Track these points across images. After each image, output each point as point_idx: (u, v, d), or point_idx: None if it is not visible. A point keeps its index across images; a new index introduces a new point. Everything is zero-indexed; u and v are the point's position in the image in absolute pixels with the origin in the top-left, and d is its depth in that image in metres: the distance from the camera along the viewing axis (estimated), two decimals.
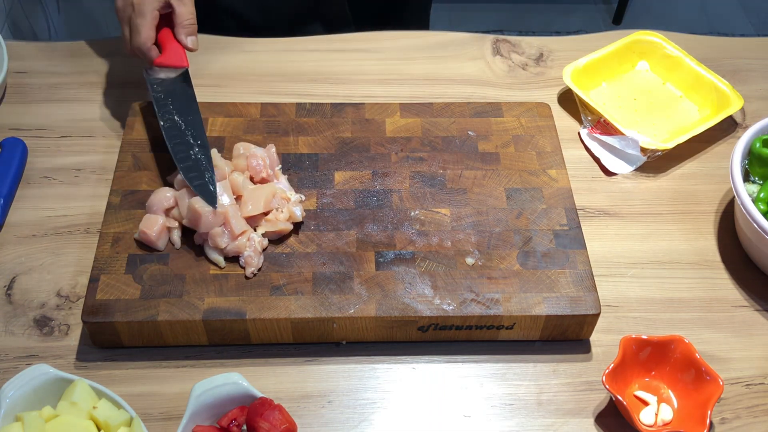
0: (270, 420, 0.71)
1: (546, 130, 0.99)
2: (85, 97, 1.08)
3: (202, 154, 0.87)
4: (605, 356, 0.84)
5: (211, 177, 0.85)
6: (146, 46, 0.93)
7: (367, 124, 0.99)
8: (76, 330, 0.84)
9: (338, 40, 1.18)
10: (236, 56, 1.14)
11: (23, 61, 1.12)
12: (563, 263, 0.85)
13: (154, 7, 0.92)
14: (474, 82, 1.12)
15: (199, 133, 0.89)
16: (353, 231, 0.87)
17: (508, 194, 0.92)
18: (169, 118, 0.90)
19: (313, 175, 0.93)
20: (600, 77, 1.12)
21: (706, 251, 0.93)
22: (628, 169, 1.01)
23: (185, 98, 0.93)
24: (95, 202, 0.95)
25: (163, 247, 0.85)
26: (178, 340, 0.82)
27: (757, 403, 0.81)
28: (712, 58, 1.15)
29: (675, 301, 0.88)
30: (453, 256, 0.85)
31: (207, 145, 0.88)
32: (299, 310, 0.80)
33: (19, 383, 0.71)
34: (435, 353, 0.83)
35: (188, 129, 0.89)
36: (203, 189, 0.84)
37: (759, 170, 0.92)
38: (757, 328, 0.86)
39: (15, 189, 0.96)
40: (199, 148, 0.88)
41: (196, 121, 0.91)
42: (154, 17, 0.93)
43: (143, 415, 0.77)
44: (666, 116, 1.08)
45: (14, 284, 0.87)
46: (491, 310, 0.81)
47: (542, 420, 0.79)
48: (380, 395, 0.80)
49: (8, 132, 1.02)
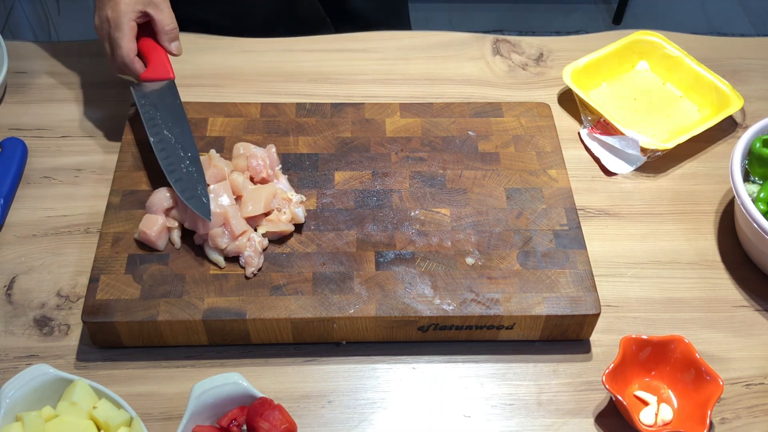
0: (270, 420, 0.71)
1: (546, 130, 0.99)
2: (85, 97, 1.08)
3: (193, 166, 0.86)
4: (605, 356, 0.84)
5: (203, 189, 0.84)
6: (129, 59, 0.92)
7: (367, 124, 0.99)
8: (76, 330, 0.84)
9: (338, 40, 1.18)
10: (236, 56, 1.14)
11: (23, 61, 1.12)
12: (563, 263, 0.85)
13: (130, 18, 0.91)
14: (474, 82, 1.12)
15: (188, 145, 0.88)
16: (353, 231, 0.87)
17: (508, 194, 0.92)
18: (158, 132, 0.90)
19: (313, 175, 0.93)
20: (600, 77, 1.12)
21: (706, 251, 0.93)
22: (628, 169, 1.01)
23: (173, 110, 0.92)
24: (95, 202, 0.95)
25: (163, 247, 0.85)
26: (178, 340, 0.82)
27: (757, 403, 0.81)
28: (712, 58, 1.15)
29: (675, 301, 0.88)
30: (453, 256, 0.85)
31: (197, 156, 0.88)
32: (299, 310, 0.80)
33: (19, 383, 0.71)
34: (435, 353, 0.83)
35: (178, 142, 0.89)
36: (196, 202, 0.83)
37: (759, 170, 0.92)
38: (757, 328, 0.86)
39: (15, 189, 0.96)
40: (190, 161, 0.87)
41: (185, 132, 0.90)
42: (132, 28, 0.92)
43: (143, 415, 0.77)
44: (666, 116, 1.08)
45: (14, 284, 0.87)
46: (491, 310, 0.81)
47: (542, 420, 0.79)
48: (380, 395, 0.80)
49: (8, 132, 1.02)
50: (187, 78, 1.10)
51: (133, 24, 0.92)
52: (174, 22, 0.95)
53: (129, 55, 0.92)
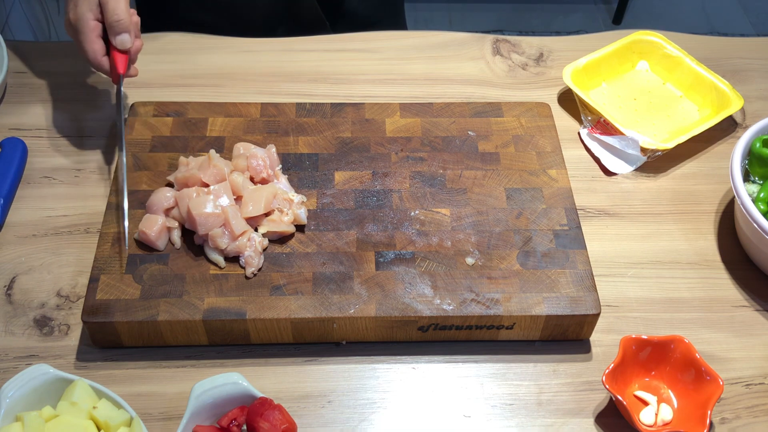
0: (270, 420, 0.71)
1: (546, 130, 0.99)
2: (85, 97, 1.08)
3: None
4: (605, 356, 0.84)
5: None
6: (96, 61, 0.89)
7: (367, 124, 0.99)
8: (76, 330, 0.84)
9: (338, 40, 1.18)
10: (236, 56, 1.14)
11: (23, 61, 1.12)
12: (563, 263, 0.85)
13: (89, 18, 0.88)
14: (474, 82, 1.12)
15: None
16: (353, 231, 0.87)
17: (508, 194, 0.92)
18: None
19: (313, 175, 0.93)
20: (600, 77, 1.12)
21: (706, 251, 0.93)
22: (628, 169, 1.01)
23: None
24: (95, 202, 0.95)
25: (163, 247, 0.85)
26: (178, 340, 0.82)
27: (757, 403, 0.81)
28: (712, 58, 1.15)
29: (675, 301, 0.88)
30: (453, 256, 0.85)
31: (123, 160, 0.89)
32: (299, 310, 0.80)
33: (19, 383, 0.71)
34: (435, 353, 0.83)
35: None
36: None
37: (759, 170, 0.92)
38: (757, 328, 0.86)
39: (15, 189, 0.96)
40: None
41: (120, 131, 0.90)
42: (93, 28, 0.88)
43: (143, 415, 0.77)
44: (666, 116, 1.08)
45: (14, 284, 0.87)
46: (491, 310, 0.81)
47: (542, 420, 0.79)
48: (380, 395, 0.80)
49: (8, 132, 1.02)
50: (187, 78, 1.10)
51: (93, 23, 0.88)
52: (122, 14, 0.88)
53: (95, 57, 0.89)
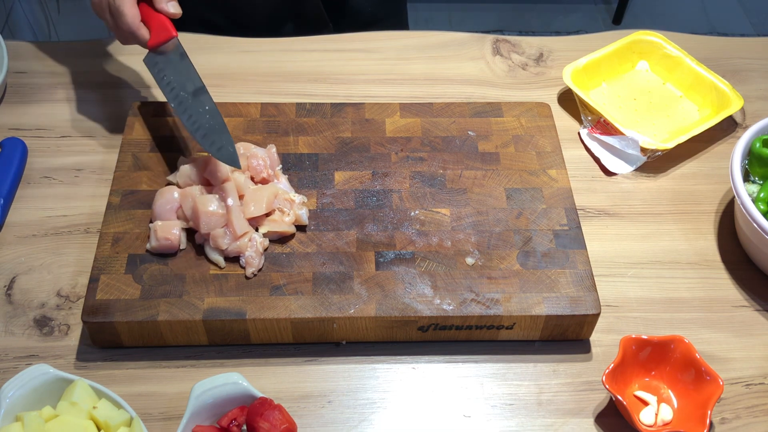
0: (270, 420, 0.71)
1: (546, 130, 0.99)
2: (85, 97, 1.08)
3: (213, 119, 0.87)
4: (605, 356, 0.84)
5: (228, 138, 0.85)
6: (135, 25, 0.89)
7: (367, 124, 0.99)
8: (76, 330, 0.84)
9: (338, 40, 1.18)
10: (236, 56, 1.14)
11: (23, 61, 1.12)
12: (563, 263, 0.85)
13: None
14: (474, 82, 1.12)
15: (205, 99, 0.88)
16: (353, 231, 0.87)
17: (508, 194, 0.92)
18: (176, 95, 0.89)
19: (313, 175, 0.93)
20: (600, 77, 1.12)
21: (706, 251, 0.93)
22: (628, 169, 1.01)
23: (182, 68, 0.90)
24: (95, 202, 0.95)
25: (184, 246, 0.85)
26: (178, 340, 0.82)
27: (757, 403, 0.81)
28: (712, 58, 1.15)
29: (675, 301, 0.88)
30: (453, 256, 0.85)
31: (215, 108, 0.88)
32: (299, 310, 0.80)
33: (19, 383, 0.71)
34: (435, 353, 0.83)
35: (195, 99, 0.88)
36: (224, 153, 0.84)
37: (759, 170, 0.92)
38: (757, 328, 0.86)
39: (15, 189, 0.96)
40: (210, 114, 0.87)
41: (198, 86, 0.89)
42: None
43: (143, 415, 0.77)
44: (666, 116, 1.08)
45: (14, 284, 0.87)
46: (491, 310, 0.81)
47: (542, 420, 0.79)
48: (380, 395, 0.80)
49: (8, 132, 1.02)
50: None
51: None
52: None
53: (134, 21, 0.89)
